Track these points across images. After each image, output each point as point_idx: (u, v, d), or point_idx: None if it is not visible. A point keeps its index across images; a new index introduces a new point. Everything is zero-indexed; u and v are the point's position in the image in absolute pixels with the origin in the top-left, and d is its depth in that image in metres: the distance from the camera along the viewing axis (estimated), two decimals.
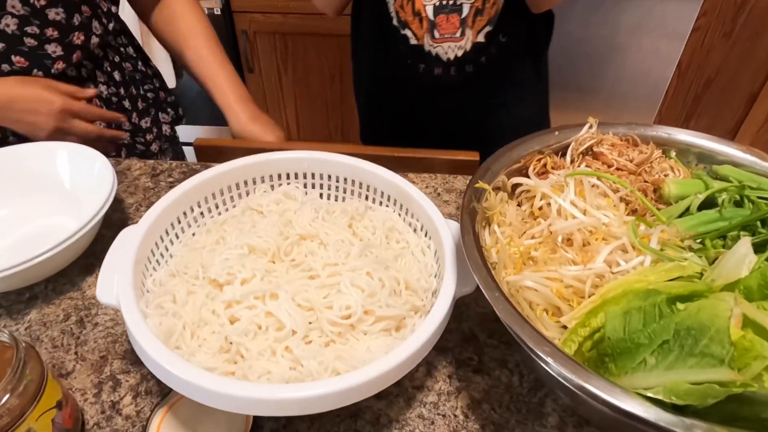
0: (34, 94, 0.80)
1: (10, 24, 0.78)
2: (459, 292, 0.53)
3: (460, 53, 0.94)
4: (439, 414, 0.55)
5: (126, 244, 0.53)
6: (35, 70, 0.83)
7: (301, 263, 0.54)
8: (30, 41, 0.80)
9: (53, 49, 0.83)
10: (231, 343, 0.46)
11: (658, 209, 0.56)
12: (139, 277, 0.52)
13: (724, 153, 0.61)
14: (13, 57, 0.80)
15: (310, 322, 0.49)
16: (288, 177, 0.68)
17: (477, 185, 0.55)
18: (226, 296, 0.49)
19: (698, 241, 0.51)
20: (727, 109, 2.08)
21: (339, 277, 0.50)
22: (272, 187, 0.67)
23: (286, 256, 0.55)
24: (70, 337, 0.62)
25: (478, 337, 0.63)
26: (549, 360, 0.39)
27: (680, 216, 0.55)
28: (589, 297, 0.48)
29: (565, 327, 0.48)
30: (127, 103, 1.07)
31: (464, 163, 0.86)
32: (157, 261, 0.57)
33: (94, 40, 0.88)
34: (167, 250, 0.59)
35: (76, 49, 0.86)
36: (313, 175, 0.69)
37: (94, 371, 0.58)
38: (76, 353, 0.60)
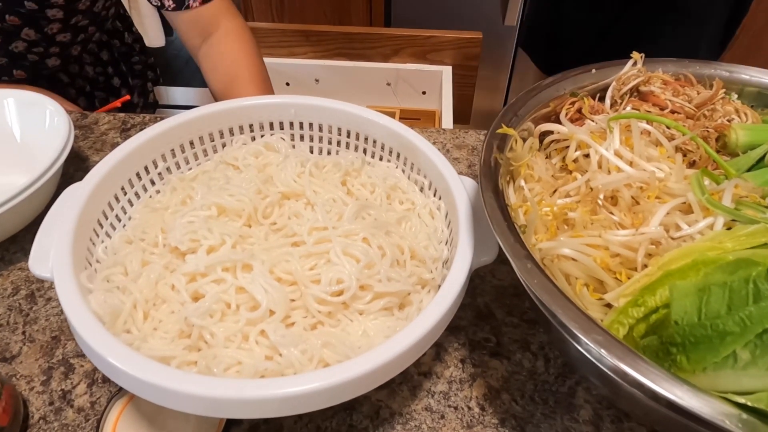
0: None
1: None
2: (476, 263, 0.43)
3: None
4: (450, 406, 0.47)
5: (69, 204, 0.43)
6: (26, 28, 0.77)
7: (283, 227, 0.44)
8: (30, 4, 0.74)
9: (53, 13, 0.77)
10: (193, 326, 0.37)
11: (724, 161, 0.45)
12: (84, 243, 0.43)
13: None
14: (8, 16, 0.74)
15: (292, 300, 0.39)
16: (272, 127, 0.58)
17: (500, 131, 0.44)
18: (188, 268, 0.39)
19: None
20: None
21: (329, 244, 0.40)
22: (253, 138, 0.57)
23: (265, 218, 0.45)
24: (17, 315, 0.53)
25: (496, 315, 0.54)
26: (603, 353, 0.29)
27: (750, 169, 0.45)
28: (642, 268, 0.38)
29: (609, 306, 0.39)
30: (116, 81, 1.00)
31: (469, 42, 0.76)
32: (112, 225, 0.47)
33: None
34: (125, 212, 0.49)
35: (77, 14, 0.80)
36: (301, 125, 0.58)
37: (43, 354, 0.49)
38: (23, 333, 0.51)
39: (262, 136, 0.57)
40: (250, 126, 0.57)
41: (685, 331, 0.31)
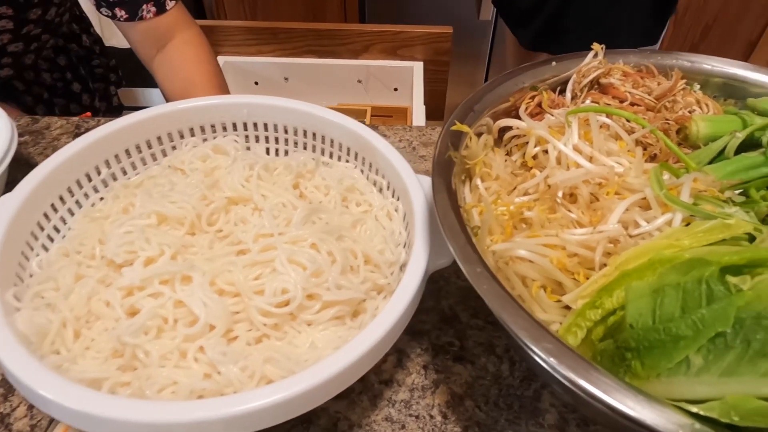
0: None
1: None
2: (433, 266, 0.41)
3: None
4: (411, 415, 0.45)
5: None
6: None
7: (229, 235, 0.41)
8: None
9: (2, 24, 0.74)
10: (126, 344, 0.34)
11: (684, 154, 0.44)
12: (13, 258, 0.40)
13: (760, 83, 0.49)
14: None
15: (236, 312, 0.37)
16: (225, 129, 0.55)
17: (454, 128, 0.42)
18: (123, 281, 0.37)
19: (739, 192, 0.40)
20: (726, 58, 1.95)
21: (274, 252, 0.38)
22: (205, 140, 0.54)
23: (210, 226, 0.43)
24: None
25: (460, 318, 0.52)
26: (553, 362, 0.28)
27: (712, 162, 0.43)
28: (600, 268, 0.36)
29: (568, 308, 0.37)
30: (76, 86, 0.96)
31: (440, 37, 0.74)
32: (50, 236, 0.45)
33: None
34: (65, 222, 0.46)
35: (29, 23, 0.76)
36: (256, 126, 0.56)
37: None
38: None
39: (215, 138, 0.54)
40: (202, 128, 0.54)
41: (639, 335, 0.29)
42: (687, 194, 0.36)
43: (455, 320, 0.52)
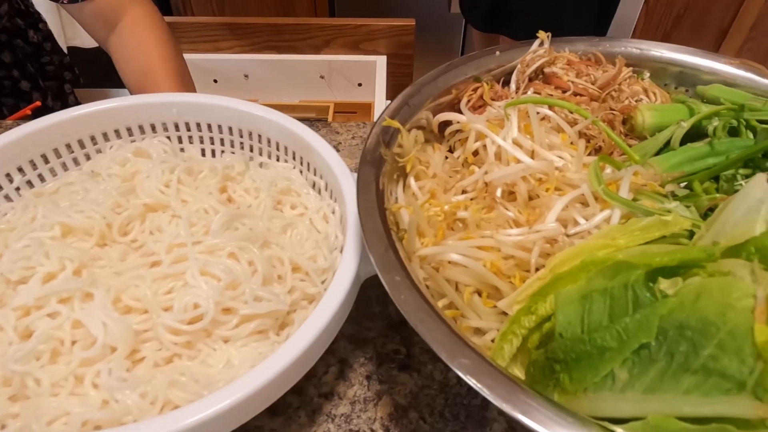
0: None
1: None
2: (365, 272, 0.38)
3: None
4: (351, 430, 0.42)
5: None
6: None
7: (143, 245, 0.38)
8: None
9: None
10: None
11: (630, 145, 0.42)
12: None
13: (711, 70, 0.47)
14: None
15: (145, 331, 0.34)
16: (154, 129, 0.52)
17: (385, 123, 0.39)
18: (18, 300, 0.33)
19: (683, 185, 0.37)
20: (697, 46, 1.96)
21: (187, 263, 0.35)
22: (134, 143, 0.51)
23: (124, 236, 0.39)
24: None
25: (408, 324, 0.49)
26: (469, 379, 0.25)
27: (658, 153, 0.41)
28: (537, 271, 0.34)
29: (506, 314, 0.35)
30: (25, 84, 0.90)
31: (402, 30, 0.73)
32: None
33: None
34: None
35: None
36: (188, 126, 0.52)
37: None
38: None
39: (144, 140, 0.51)
40: (129, 129, 0.51)
41: (567, 346, 0.27)
42: (626, 189, 0.34)
43: (402, 326, 0.49)
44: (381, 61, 1.10)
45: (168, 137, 0.52)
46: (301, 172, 0.50)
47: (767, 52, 2.00)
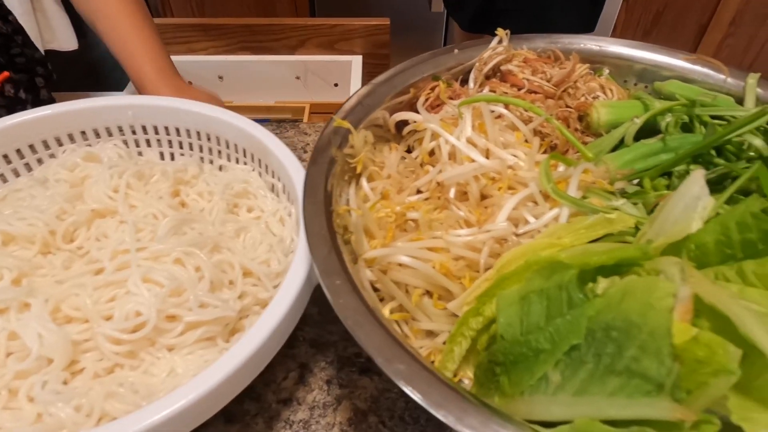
0: None
1: None
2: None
3: None
4: None
5: None
6: None
7: (88, 252, 0.37)
8: None
9: None
10: None
11: (585, 143, 0.42)
12: None
13: (668, 66, 0.47)
14: None
15: (86, 341, 0.33)
16: (110, 133, 0.51)
17: (336, 124, 0.39)
18: None
19: (636, 182, 0.37)
20: (677, 43, 1.98)
21: (130, 270, 0.34)
22: (89, 147, 0.50)
23: (70, 243, 0.38)
24: None
25: None
26: (403, 385, 0.24)
27: (614, 149, 0.41)
28: (486, 271, 0.33)
29: (457, 316, 0.34)
30: None
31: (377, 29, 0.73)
32: None
33: None
34: None
35: None
36: (145, 129, 0.51)
37: None
38: None
39: (99, 144, 0.50)
40: (83, 133, 0.50)
41: (506, 348, 0.26)
42: (575, 187, 0.34)
43: None
44: (357, 61, 1.09)
45: (125, 141, 0.51)
46: (260, 174, 0.49)
47: (746, 47, 2.02)
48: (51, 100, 1.05)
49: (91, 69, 0.80)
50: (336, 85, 1.14)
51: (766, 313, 0.20)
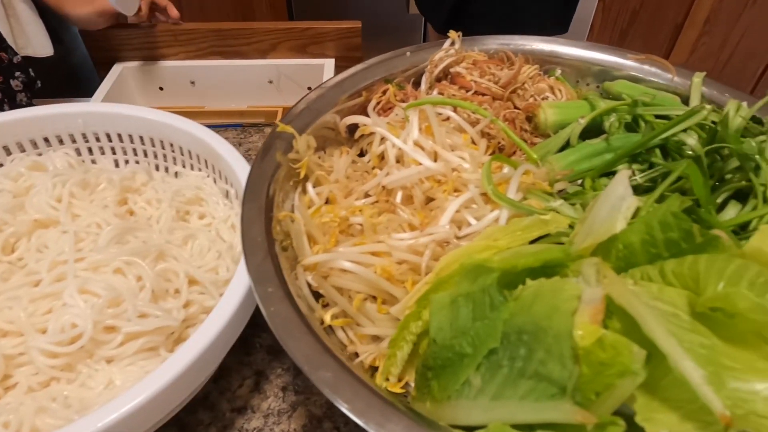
0: None
1: None
2: None
3: None
4: None
5: None
6: None
7: (28, 264, 0.36)
8: None
9: None
10: None
11: (534, 143, 0.42)
12: None
13: (619, 66, 0.47)
14: None
15: (21, 354, 0.32)
16: (61, 142, 0.50)
17: (279, 129, 0.38)
18: None
19: (580, 182, 0.37)
20: (654, 42, 2.00)
21: (66, 282, 0.33)
22: (41, 156, 0.49)
23: (11, 254, 0.38)
24: None
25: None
26: (327, 393, 0.24)
27: (562, 150, 0.41)
28: (428, 275, 0.33)
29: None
30: None
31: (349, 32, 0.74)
32: None
33: None
34: None
35: None
36: (97, 137, 0.50)
37: None
38: None
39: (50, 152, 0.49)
40: (33, 142, 0.49)
41: (435, 353, 0.26)
42: (514, 189, 0.34)
43: None
44: (329, 64, 1.09)
45: (77, 149, 0.50)
46: (215, 181, 0.49)
47: (722, 45, 2.04)
48: (29, 105, 1.03)
49: (71, 75, 0.79)
50: (309, 88, 1.13)
51: (674, 313, 0.20)
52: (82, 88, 0.76)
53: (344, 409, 0.23)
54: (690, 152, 0.34)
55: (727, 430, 0.16)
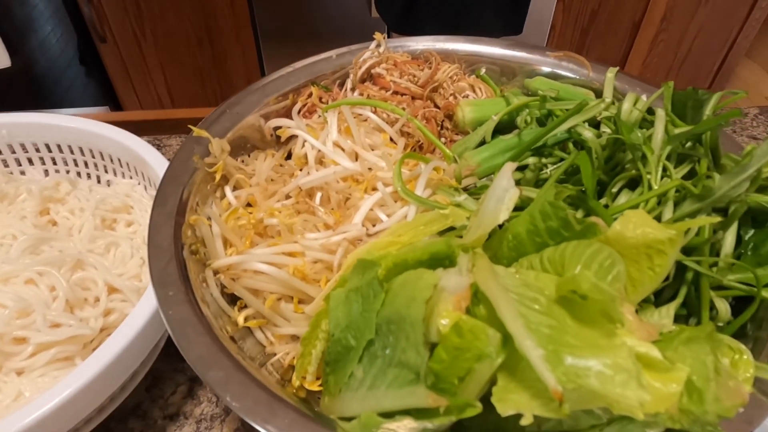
0: None
1: None
2: None
3: None
4: None
5: None
6: None
7: None
8: None
9: None
10: None
11: (454, 141, 0.43)
12: None
13: (539, 63, 0.48)
14: None
15: None
16: None
17: (195, 133, 0.39)
18: None
19: (490, 177, 0.38)
20: (614, 39, 2.05)
21: None
22: None
23: None
24: None
25: None
26: (218, 392, 0.25)
27: (480, 146, 0.42)
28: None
29: None
30: None
31: None
32: None
33: None
34: None
35: None
36: (24, 147, 0.50)
37: None
38: None
39: None
40: None
41: (330, 348, 0.27)
42: (422, 186, 0.35)
43: None
44: None
45: (4, 161, 0.50)
46: (145, 188, 0.49)
47: (679, 41, 2.10)
48: None
49: (32, 87, 0.78)
50: None
51: (534, 297, 0.21)
52: (43, 101, 0.74)
53: (231, 406, 0.24)
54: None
55: (561, 405, 0.17)
